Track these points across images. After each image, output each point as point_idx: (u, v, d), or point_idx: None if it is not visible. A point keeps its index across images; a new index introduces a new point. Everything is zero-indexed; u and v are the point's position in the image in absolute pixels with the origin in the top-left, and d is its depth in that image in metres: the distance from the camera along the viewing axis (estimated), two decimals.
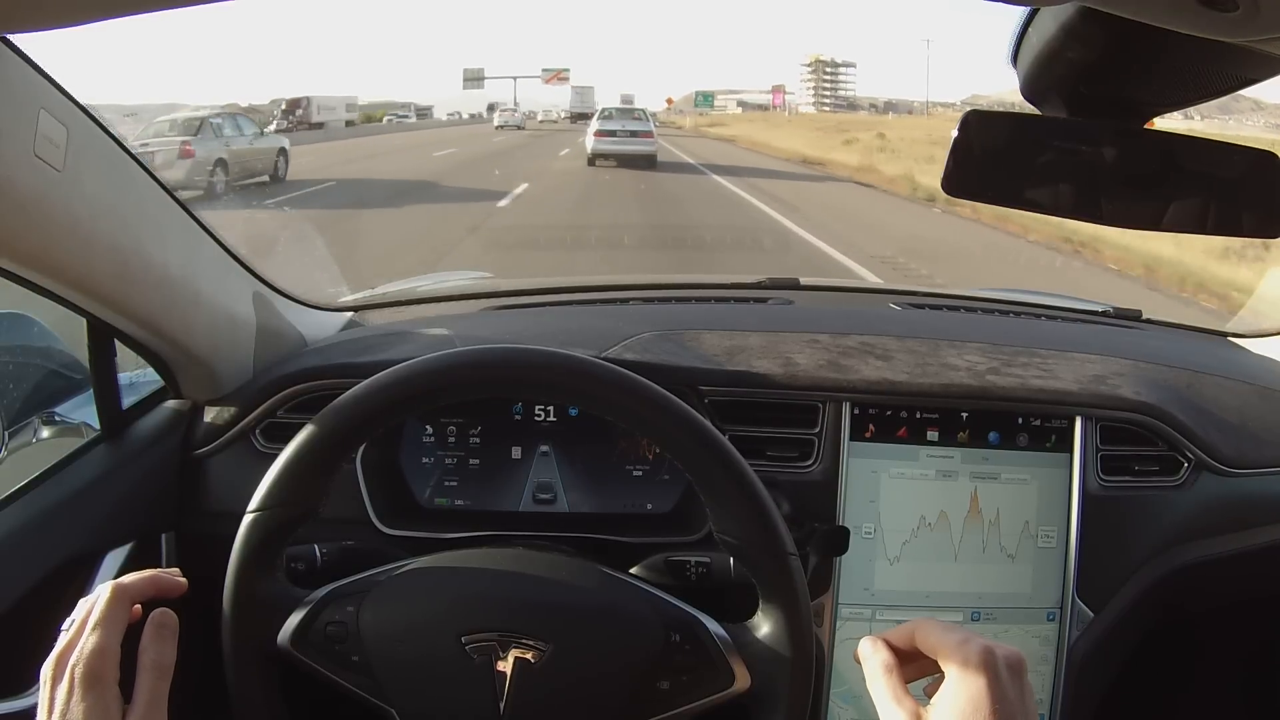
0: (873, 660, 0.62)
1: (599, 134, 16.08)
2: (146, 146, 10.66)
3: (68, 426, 1.15)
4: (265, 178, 11.79)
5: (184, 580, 0.70)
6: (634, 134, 16.02)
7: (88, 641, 0.62)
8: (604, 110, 18.72)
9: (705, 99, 56.52)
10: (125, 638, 0.64)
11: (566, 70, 63.36)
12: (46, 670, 0.62)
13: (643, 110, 19.24)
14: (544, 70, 64.14)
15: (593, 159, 15.65)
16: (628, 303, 1.39)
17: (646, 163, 15.45)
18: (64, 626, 0.64)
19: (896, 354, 1.11)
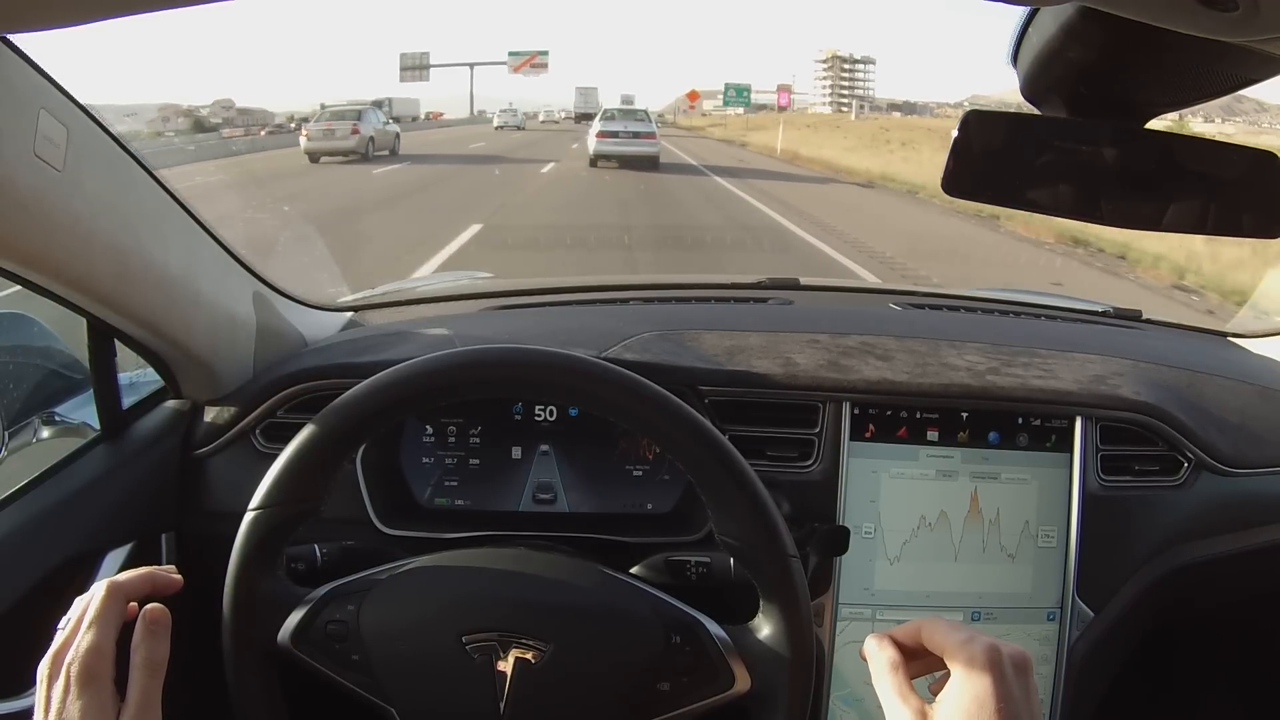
0: (878, 658, 0.62)
1: (601, 135, 16.11)
2: (330, 127, 17.15)
3: (68, 426, 1.15)
4: (388, 151, 18.22)
5: (179, 577, 0.69)
6: (636, 135, 16.05)
7: (83, 640, 0.62)
8: (606, 111, 18.69)
9: (740, 93, 42.68)
10: (122, 635, 0.64)
11: (544, 54, 46.41)
12: (43, 669, 0.62)
13: (645, 111, 19.24)
14: (511, 55, 46.07)
15: (594, 160, 15.67)
16: (628, 303, 1.39)
17: (649, 164, 15.46)
18: (60, 625, 0.64)
19: (896, 354, 1.11)
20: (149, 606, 0.65)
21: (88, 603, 0.64)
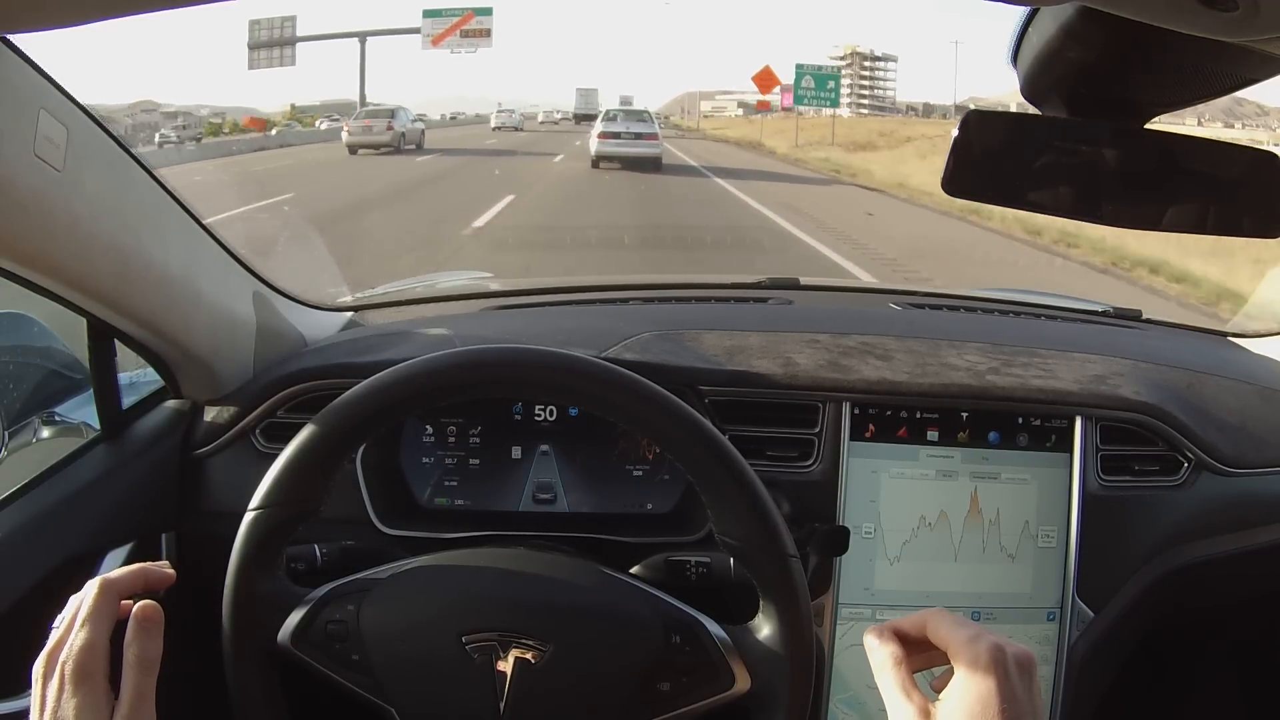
0: (880, 652, 0.62)
1: (603, 135, 16.14)
2: (369, 125, 19.09)
3: (68, 426, 1.15)
4: (414, 146, 19.49)
5: (172, 572, 0.69)
6: (639, 136, 16.11)
7: (77, 638, 0.62)
8: (608, 111, 18.73)
9: (821, 83, 26.80)
10: (116, 633, 0.64)
11: (484, 13, 27.26)
12: (38, 668, 0.63)
13: (647, 111, 19.29)
14: (428, 15, 27.39)
15: (596, 161, 15.70)
16: (627, 303, 1.39)
17: (652, 165, 15.48)
18: (55, 624, 0.64)
19: (896, 354, 1.11)
20: (140, 604, 0.65)
21: (81, 601, 0.64)
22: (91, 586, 0.65)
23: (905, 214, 11.51)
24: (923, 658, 0.63)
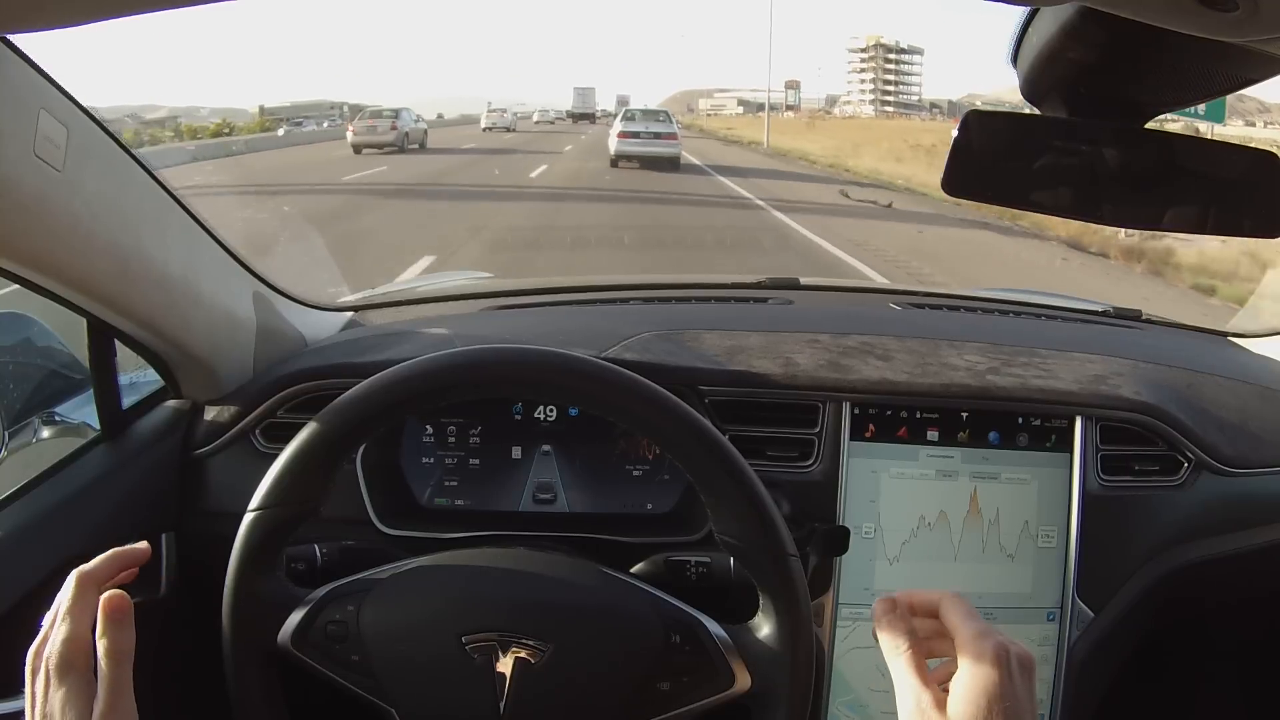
0: (893, 633, 0.62)
1: (623, 135, 16.63)
2: (373, 125, 19.89)
3: (68, 426, 1.15)
4: (418, 145, 20.71)
5: (146, 545, 0.68)
6: (657, 135, 16.53)
7: (58, 632, 0.62)
8: (627, 112, 19.21)
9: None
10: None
11: None
12: (28, 664, 0.63)
13: (665, 112, 19.68)
14: None
15: (615, 160, 15.93)
16: (628, 303, 1.39)
17: (670, 165, 15.61)
18: (43, 621, 0.64)
19: (897, 354, 1.11)
20: (107, 595, 0.64)
21: (61, 595, 0.64)
22: (70, 579, 0.64)
23: None
24: (924, 645, 0.63)
